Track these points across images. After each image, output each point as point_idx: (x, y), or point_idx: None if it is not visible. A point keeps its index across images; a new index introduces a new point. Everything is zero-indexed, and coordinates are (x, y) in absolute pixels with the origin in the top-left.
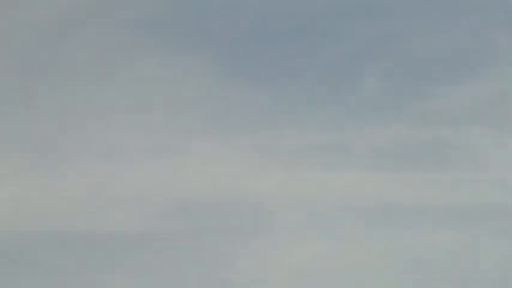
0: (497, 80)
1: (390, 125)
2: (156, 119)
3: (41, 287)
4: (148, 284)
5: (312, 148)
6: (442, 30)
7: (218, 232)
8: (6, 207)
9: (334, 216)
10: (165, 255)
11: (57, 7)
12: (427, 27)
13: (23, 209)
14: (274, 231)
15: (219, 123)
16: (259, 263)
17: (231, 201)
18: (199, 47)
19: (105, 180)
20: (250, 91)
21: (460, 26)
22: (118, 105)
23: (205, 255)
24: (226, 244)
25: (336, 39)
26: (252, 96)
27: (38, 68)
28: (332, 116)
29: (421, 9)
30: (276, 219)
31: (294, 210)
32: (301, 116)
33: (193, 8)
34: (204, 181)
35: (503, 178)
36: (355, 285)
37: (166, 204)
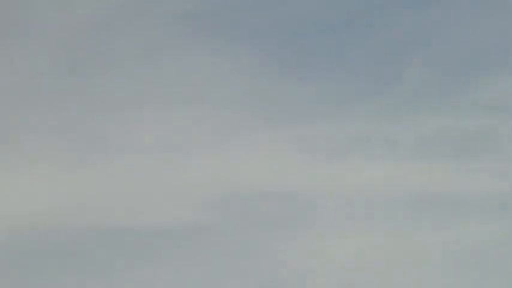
0: None
1: (434, 115)
2: (202, 112)
3: (90, 281)
4: (196, 276)
5: (357, 139)
6: (485, 19)
7: (263, 224)
8: (54, 202)
9: (380, 207)
10: (211, 247)
11: (106, 1)
12: (470, 15)
13: (70, 203)
14: (319, 223)
15: (264, 115)
16: (304, 254)
17: (276, 193)
18: (245, 40)
19: (151, 174)
20: (294, 83)
21: (505, 13)
22: (165, 98)
23: (250, 248)
24: (271, 236)
25: (378, 30)
26: (296, 88)
27: (86, 62)
28: (376, 106)
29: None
30: (321, 211)
31: (339, 202)
32: (345, 108)
33: (241, 1)
34: (249, 174)
35: None
36: (402, 276)
37: (212, 197)
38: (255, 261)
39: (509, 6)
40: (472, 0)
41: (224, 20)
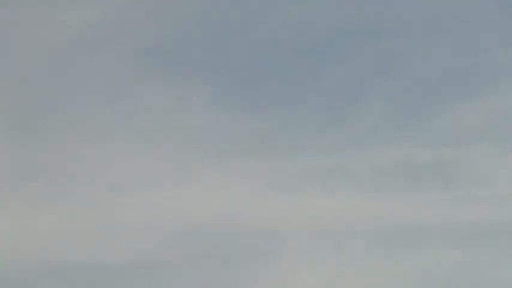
0: (499, 98)
1: (392, 147)
2: (159, 148)
3: None
4: None
5: (315, 172)
6: (444, 49)
7: (222, 259)
8: (11, 238)
9: (339, 239)
10: (170, 283)
11: (63, 37)
12: (428, 46)
13: (28, 239)
14: (279, 256)
15: (220, 151)
16: None
17: (234, 228)
18: (199, 75)
19: (108, 210)
20: (250, 118)
21: (462, 44)
22: (121, 133)
23: (210, 283)
24: (230, 271)
25: (336, 61)
26: (252, 123)
27: (44, 97)
28: (334, 138)
29: (423, 29)
30: (280, 245)
31: (298, 235)
32: (303, 141)
33: (195, 37)
34: (207, 209)
35: (508, 196)
36: None
37: (170, 232)
38: None
39: (467, 35)
40: (430, 30)
41: (176, 57)
